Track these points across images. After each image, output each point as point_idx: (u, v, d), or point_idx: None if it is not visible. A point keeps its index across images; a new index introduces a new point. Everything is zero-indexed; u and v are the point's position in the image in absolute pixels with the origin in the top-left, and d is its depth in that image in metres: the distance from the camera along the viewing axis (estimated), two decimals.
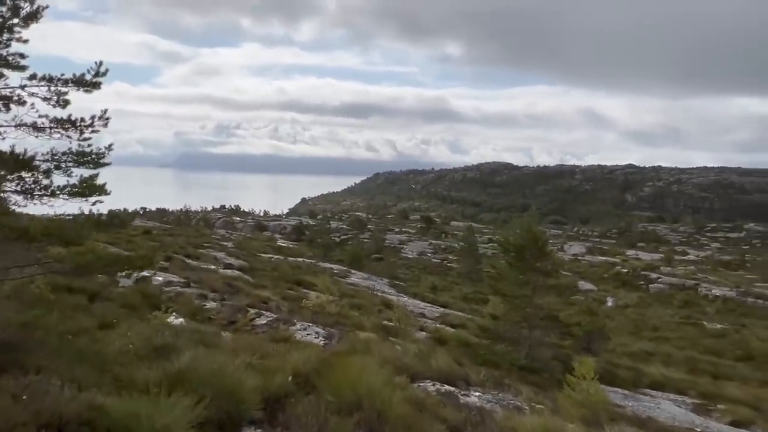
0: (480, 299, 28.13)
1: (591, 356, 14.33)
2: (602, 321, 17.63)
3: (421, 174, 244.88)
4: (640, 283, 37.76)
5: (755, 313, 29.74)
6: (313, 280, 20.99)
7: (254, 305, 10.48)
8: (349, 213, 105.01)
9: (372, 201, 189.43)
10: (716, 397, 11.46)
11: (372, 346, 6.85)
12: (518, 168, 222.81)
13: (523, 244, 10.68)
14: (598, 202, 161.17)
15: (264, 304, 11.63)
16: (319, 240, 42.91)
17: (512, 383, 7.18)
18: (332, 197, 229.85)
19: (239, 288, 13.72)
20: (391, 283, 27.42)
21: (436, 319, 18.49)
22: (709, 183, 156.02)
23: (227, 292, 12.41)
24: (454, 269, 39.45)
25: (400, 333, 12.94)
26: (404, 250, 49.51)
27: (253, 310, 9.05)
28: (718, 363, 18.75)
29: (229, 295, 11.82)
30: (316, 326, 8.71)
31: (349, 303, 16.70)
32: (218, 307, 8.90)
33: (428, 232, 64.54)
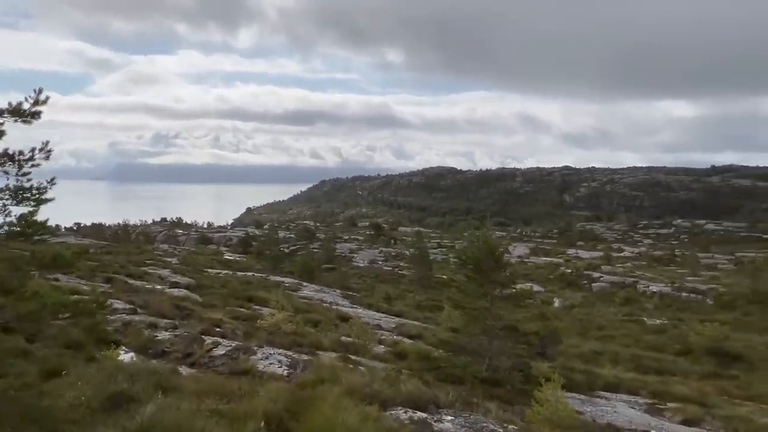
0: (433, 306, 28.35)
1: (546, 361, 14.69)
2: (555, 324, 18.15)
3: (367, 180, 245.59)
4: (584, 283, 39.19)
5: (690, 307, 31.47)
6: (265, 295, 20.46)
7: (209, 332, 10.02)
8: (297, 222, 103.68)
9: (319, 209, 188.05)
10: (665, 394, 11.95)
11: (339, 374, 6.66)
12: (462, 172, 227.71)
13: (479, 257, 10.78)
14: (538, 204, 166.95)
15: (218, 329, 11.15)
16: (268, 252, 42.00)
17: (480, 401, 7.17)
18: (278, 206, 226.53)
19: (190, 311, 13.12)
20: (345, 294, 27.15)
21: (392, 330, 18.42)
22: (639, 182, 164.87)
23: (178, 317, 11.83)
24: (406, 276, 39.61)
25: (360, 349, 12.77)
26: (355, 258, 49.28)
27: (209, 338, 8.63)
28: (661, 358, 19.68)
29: (181, 321, 11.27)
30: (278, 352, 8.40)
31: (304, 319, 16.35)
32: (171, 338, 8.42)
33: (378, 239, 64.59)
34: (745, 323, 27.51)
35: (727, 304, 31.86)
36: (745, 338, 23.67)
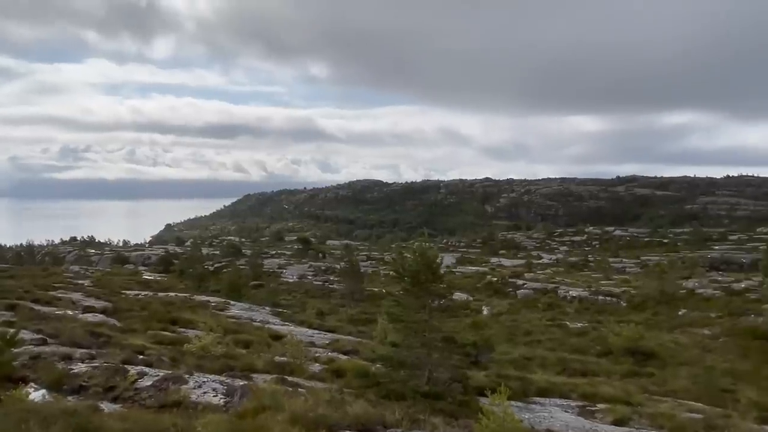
0: (366, 320, 28.15)
1: (481, 370, 14.92)
2: (487, 333, 18.54)
3: (293, 194, 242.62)
4: (509, 290, 40.59)
5: (606, 309, 33.39)
6: (190, 316, 19.41)
7: (132, 360, 9.23)
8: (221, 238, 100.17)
9: (244, 224, 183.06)
10: (594, 396, 12.44)
11: (281, 399, 6.29)
12: (388, 184, 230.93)
13: (417, 269, 10.75)
14: (462, 214, 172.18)
15: (142, 356, 10.33)
16: (191, 270, 40.09)
17: (426, 417, 7.06)
18: (200, 222, 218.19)
19: (108, 338, 12.09)
20: (275, 312, 26.34)
21: (326, 346, 18.00)
22: (554, 192, 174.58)
23: (95, 345, 10.85)
24: (337, 290, 39.20)
25: (295, 369, 12.31)
26: (284, 274, 48.17)
27: (132, 368, 7.91)
28: (585, 360, 20.61)
29: (98, 349, 10.33)
30: (211, 379, 7.84)
31: (234, 340, 15.61)
32: (89, 370, 7.63)
33: (306, 253, 63.66)
34: (655, 322, 29.54)
35: (639, 305, 34.13)
36: (657, 337, 25.37)
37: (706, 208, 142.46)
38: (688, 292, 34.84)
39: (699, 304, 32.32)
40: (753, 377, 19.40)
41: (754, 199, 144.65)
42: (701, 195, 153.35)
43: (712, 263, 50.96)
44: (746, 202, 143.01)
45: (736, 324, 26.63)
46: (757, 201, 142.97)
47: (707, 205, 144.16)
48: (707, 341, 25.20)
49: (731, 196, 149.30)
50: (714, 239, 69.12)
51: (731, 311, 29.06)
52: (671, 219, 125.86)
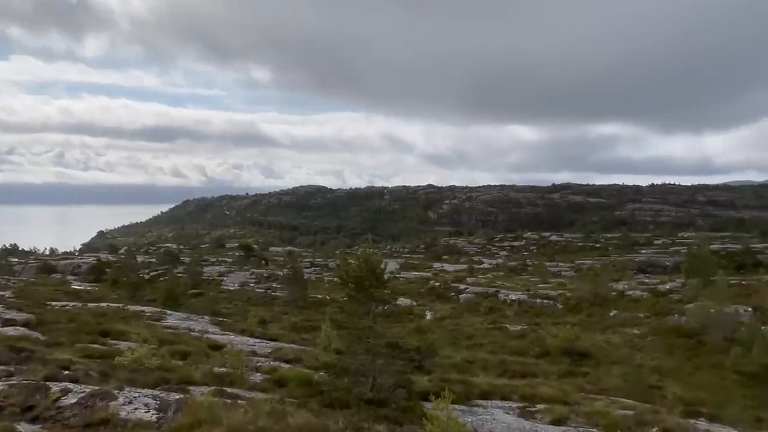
0: (309, 327, 27.74)
1: (424, 375, 14.99)
2: (430, 338, 18.68)
3: (234, 199, 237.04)
4: (451, 295, 41.21)
5: (544, 312, 34.52)
6: (123, 328, 18.44)
7: (55, 376, 8.60)
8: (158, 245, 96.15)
9: (182, 230, 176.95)
10: (534, 397, 12.78)
11: (218, 412, 6.03)
12: (332, 191, 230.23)
13: (361, 275, 10.69)
14: (405, 220, 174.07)
15: (67, 372, 9.67)
16: (125, 279, 38.17)
17: (370, 425, 6.97)
18: (136, 228, 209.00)
19: (30, 353, 11.26)
20: (215, 321, 25.47)
21: (268, 355, 17.57)
22: (493, 199, 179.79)
23: (14, 362, 10.07)
24: (280, 298, 38.46)
25: (236, 380, 11.93)
26: (225, 282, 46.76)
27: (55, 385, 7.37)
28: (525, 362, 21.18)
29: (18, 366, 9.59)
30: (143, 393, 7.43)
31: (170, 351, 14.96)
32: (6, 388, 7.04)
33: (248, 260, 62.18)
34: (589, 324, 30.82)
35: (574, 307, 35.52)
36: (591, 337, 26.46)
37: (634, 214, 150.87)
38: (619, 294, 36.60)
39: (628, 305, 34.01)
40: (678, 373, 20.62)
41: (676, 206, 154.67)
42: (629, 202, 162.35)
43: (639, 266, 53.91)
44: (669, 208, 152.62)
45: (662, 323, 28.21)
46: (679, 208, 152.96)
47: (635, 212, 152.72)
48: (636, 340, 26.55)
49: (656, 203, 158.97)
50: (641, 244, 73.14)
51: (657, 311, 30.76)
52: (602, 225, 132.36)
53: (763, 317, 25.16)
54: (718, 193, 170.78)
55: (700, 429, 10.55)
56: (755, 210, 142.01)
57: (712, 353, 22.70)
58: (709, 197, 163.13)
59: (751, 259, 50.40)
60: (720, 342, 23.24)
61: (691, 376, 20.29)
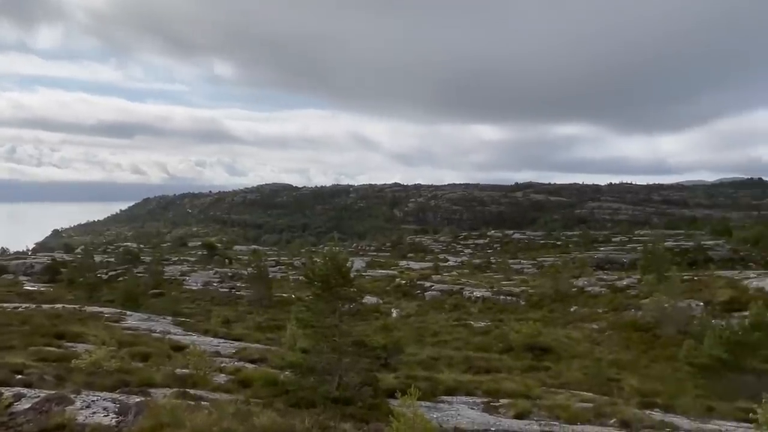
0: (275, 326, 27.48)
1: (391, 372, 15.07)
2: (396, 335, 18.77)
3: (197, 197, 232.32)
4: (417, 293, 41.51)
5: (507, 308, 35.18)
6: (80, 330, 17.86)
7: (7, 381, 8.26)
8: (117, 244, 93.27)
9: (143, 229, 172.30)
10: (498, 392, 13.01)
11: (180, 415, 5.91)
12: (297, 188, 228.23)
13: (327, 274, 10.65)
14: (371, 218, 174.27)
15: (20, 376, 9.30)
16: (82, 279, 36.96)
17: (337, 424, 6.97)
18: (93, 227, 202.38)
19: None
20: (177, 321, 24.95)
21: (233, 356, 17.34)
22: (458, 198, 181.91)
23: None
24: (244, 297, 37.93)
25: (199, 381, 11.71)
26: (187, 281, 45.75)
27: (8, 390, 7.08)
28: (489, 358, 21.54)
29: None
30: (102, 396, 7.21)
31: (130, 353, 14.59)
32: None
33: (212, 259, 61.04)
34: (550, 319, 31.59)
35: (536, 303, 36.34)
36: (552, 332, 27.13)
37: (593, 212, 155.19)
38: (579, 290, 37.62)
39: (588, 300, 35.01)
40: (634, 366, 21.35)
41: (633, 205, 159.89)
42: (589, 201, 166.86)
43: (598, 263, 55.52)
44: (626, 207, 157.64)
45: (620, 318, 29.17)
46: (635, 206, 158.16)
47: (594, 210, 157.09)
48: (595, 335, 27.36)
49: (614, 201, 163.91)
50: (600, 241, 75.29)
51: (615, 306, 31.79)
52: (563, 223, 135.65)
53: (714, 311, 26.32)
54: (672, 192, 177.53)
55: (655, 419, 10.96)
56: (707, 209, 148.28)
57: (667, 346, 23.60)
58: (664, 196, 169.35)
59: (702, 255, 52.67)
60: (674, 335, 24.19)
61: (647, 369, 21.05)
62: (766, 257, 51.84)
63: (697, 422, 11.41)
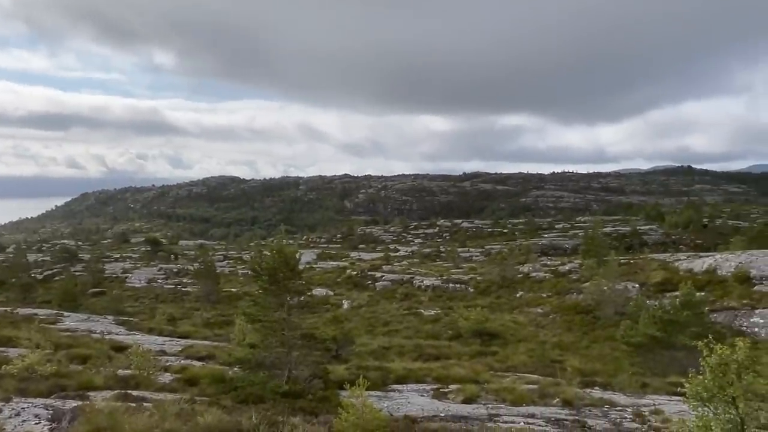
0: (223, 322, 26.96)
1: (342, 363, 15.09)
2: (347, 326, 18.77)
3: (139, 192, 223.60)
4: (368, 283, 41.62)
5: (456, 296, 35.86)
6: (12, 333, 16.90)
7: None
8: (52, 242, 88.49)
9: (80, 225, 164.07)
10: (447, 378, 13.28)
11: (119, 418, 5.69)
12: (245, 181, 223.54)
13: (275, 267, 10.50)
14: (322, 210, 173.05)
15: None
16: (14, 279, 34.92)
17: (285, 418, 6.90)
18: (26, 224, 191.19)
19: None
20: (119, 321, 24.03)
21: (178, 354, 16.89)
22: (408, 188, 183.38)
23: None
24: (191, 293, 36.91)
25: (142, 382, 11.34)
26: (130, 279, 44.02)
27: None
28: (438, 345, 21.95)
29: None
30: (35, 403, 6.84)
31: (68, 356, 13.96)
32: None
33: (156, 255, 58.97)
34: (497, 305, 32.47)
35: (484, 290, 37.22)
36: (499, 318, 27.92)
37: (537, 200, 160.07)
38: (524, 276, 38.79)
39: (533, 285, 36.17)
40: (576, 347, 22.30)
41: (575, 193, 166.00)
42: (533, 189, 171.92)
43: (542, 249, 57.46)
44: (568, 195, 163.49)
45: (563, 302, 30.33)
46: (577, 194, 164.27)
47: (538, 198, 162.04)
48: (540, 319, 28.36)
49: (556, 190, 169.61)
50: (544, 228, 77.84)
51: (558, 291, 33.00)
52: (510, 211, 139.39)
53: (648, 292, 27.77)
54: (610, 180, 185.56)
55: (594, 397, 11.49)
56: (642, 195, 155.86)
57: (606, 327, 24.76)
58: (603, 184, 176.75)
59: (638, 240, 55.50)
60: (612, 316, 25.40)
61: (588, 349, 22.03)
62: (695, 240, 55.23)
63: (633, 398, 12.05)
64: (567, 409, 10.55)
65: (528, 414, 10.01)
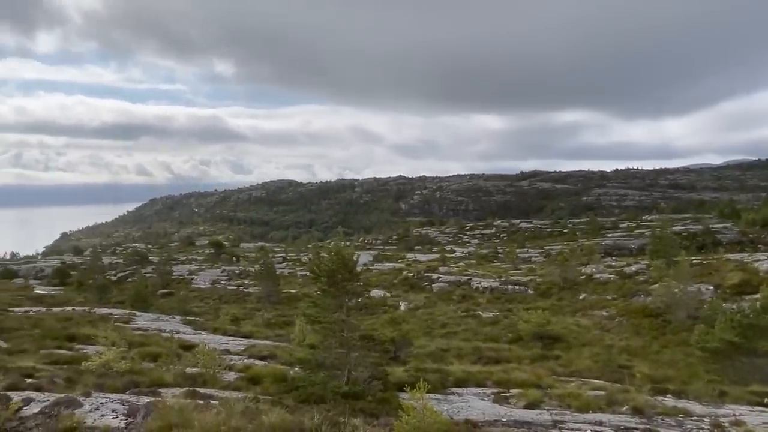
0: (283, 323, 27.58)
1: (400, 365, 15.05)
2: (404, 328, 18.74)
3: (203, 196, 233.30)
4: (425, 285, 41.45)
5: (515, 298, 35.08)
6: (90, 332, 17.95)
7: (18, 385, 8.29)
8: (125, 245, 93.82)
9: (150, 229, 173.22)
10: (508, 382, 12.96)
11: (189, 415, 5.89)
12: (302, 184, 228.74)
13: (334, 269, 10.60)
14: (377, 212, 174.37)
15: (30, 380, 9.33)
16: (91, 281, 37.22)
17: (346, 419, 6.93)
18: (101, 229, 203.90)
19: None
20: (186, 320, 25.07)
21: (242, 353, 17.39)
22: (464, 188, 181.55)
23: None
24: (253, 294, 38.05)
25: (209, 380, 11.73)
26: (195, 280, 45.95)
27: (17, 394, 7.10)
28: (498, 348, 21.51)
29: None
30: (111, 399, 7.21)
31: (140, 353, 14.65)
32: None
33: (219, 257, 61.23)
34: (559, 307, 31.49)
35: (544, 292, 36.22)
36: (561, 321, 27.05)
37: (600, 199, 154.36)
38: (587, 278, 37.44)
39: (597, 287, 34.84)
40: (645, 352, 21.24)
41: (640, 190, 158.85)
42: (595, 187, 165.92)
43: (606, 250, 55.21)
44: (633, 193, 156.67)
45: (629, 304, 29.01)
46: (642, 191, 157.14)
47: (600, 197, 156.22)
48: (605, 322, 27.25)
49: (620, 187, 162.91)
50: (607, 228, 74.84)
51: (624, 293, 31.61)
52: (570, 210, 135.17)
53: (724, 295, 26.12)
54: (678, 176, 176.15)
55: (667, 405, 10.87)
56: (714, 191, 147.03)
57: (677, 331, 23.47)
58: (671, 180, 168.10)
59: (711, 239, 52.23)
60: (684, 320, 24.04)
61: (658, 355, 20.95)
62: None
63: (710, 407, 11.32)
64: (637, 418, 10.03)
65: (595, 421, 9.59)
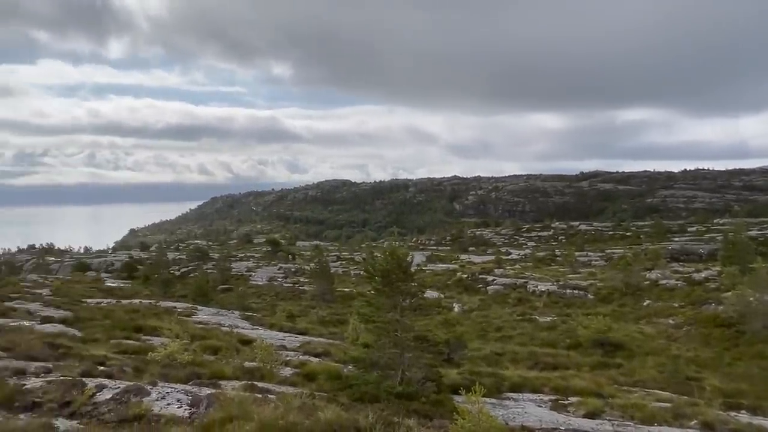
0: (337, 321, 27.90)
1: (454, 367, 14.89)
2: (458, 330, 18.53)
3: (261, 195, 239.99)
4: (479, 287, 40.84)
5: (574, 302, 33.93)
6: (156, 324, 18.82)
7: (91, 372, 8.79)
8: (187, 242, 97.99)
9: (210, 227, 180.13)
10: (566, 389, 12.55)
11: (249, 408, 6.04)
12: (356, 184, 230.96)
13: (388, 269, 10.61)
14: (431, 212, 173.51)
15: (102, 367, 9.87)
16: (156, 275, 39.03)
17: (400, 420, 6.91)
18: (165, 226, 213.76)
19: (67, 349, 11.54)
20: (244, 316, 25.84)
21: (297, 349, 17.70)
22: (520, 189, 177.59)
23: (52, 358, 10.32)
24: (308, 292, 38.75)
25: (266, 374, 12.01)
26: (253, 277, 47.35)
27: (91, 380, 7.52)
28: (555, 353, 20.86)
29: (56, 362, 9.82)
30: (176, 389, 7.52)
31: (202, 346, 15.19)
32: (44, 385, 7.20)
33: (276, 255, 62.82)
34: (621, 314, 30.18)
35: (605, 297, 34.84)
36: (623, 328, 25.90)
37: (666, 201, 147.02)
38: (652, 283, 35.74)
39: (662, 294, 33.18)
40: (716, 364, 20.00)
41: (710, 192, 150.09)
42: (661, 189, 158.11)
43: (672, 254, 52.47)
44: (702, 194, 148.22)
45: (699, 313, 27.43)
46: (713, 193, 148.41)
47: (666, 198, 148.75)
48: (671, 331, 25.89)
49: (688, 189, 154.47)
50: (674, 231, 71.18)
51: (693, 300, 29.92)
52: (633, 212, 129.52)
53: None
54: (754, 177, 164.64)
55: (741, 422, 10.19)
56: None
57: (753, 343, 21.98)
58: (746, 182, 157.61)
59: None
60: (760, 331, 22.49)
61: (731, 367, 19.68)
62: None
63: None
64: None
65: None
